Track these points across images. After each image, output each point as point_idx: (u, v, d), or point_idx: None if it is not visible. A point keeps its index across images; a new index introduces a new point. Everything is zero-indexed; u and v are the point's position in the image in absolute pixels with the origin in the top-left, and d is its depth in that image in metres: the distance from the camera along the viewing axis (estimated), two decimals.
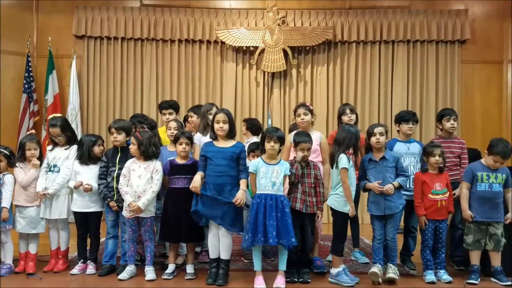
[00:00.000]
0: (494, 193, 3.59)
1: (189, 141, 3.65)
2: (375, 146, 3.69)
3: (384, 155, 3.68)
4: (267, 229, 3.33)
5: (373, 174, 3.63)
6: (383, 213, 3.61)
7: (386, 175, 3.61)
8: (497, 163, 3.57)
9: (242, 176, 3.51)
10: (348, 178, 3.49)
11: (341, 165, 3.48)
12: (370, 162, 3.68)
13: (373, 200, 3.65)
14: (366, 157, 3.74)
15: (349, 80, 6.73)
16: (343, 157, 3.50)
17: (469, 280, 3.53)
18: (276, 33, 6.53)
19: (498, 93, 6.72)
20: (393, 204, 3.61)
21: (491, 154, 3.59)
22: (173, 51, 6.73)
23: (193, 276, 3.58)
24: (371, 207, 3.67)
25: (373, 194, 3.66)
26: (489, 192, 3.58)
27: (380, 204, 3.60)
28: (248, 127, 4.93)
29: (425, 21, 6.59)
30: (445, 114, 4.14)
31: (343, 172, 3.48)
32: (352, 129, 3.65)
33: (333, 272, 3.54)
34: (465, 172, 3.71)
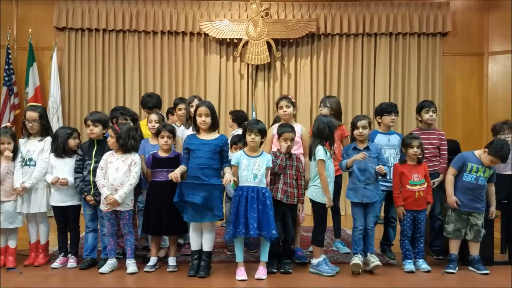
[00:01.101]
0: (479, 186, 3.65)
1: (171, 134, 3.63)
2: (358, 138, 3.74)
3: (368, 145, 3.73)
4: (248, 221, 3.35)
5: (357, 162, 3.66)
6: (361, 201, 3.65)
7: (368, 164, 3.66)
8: (493, 163, 3.61)
9: (226, 165, 3.52)
10: (326, 169, 3.52)
11: (318, 156, 3.51)
12: (354, 151, 3.72)
13: (352, 187, 3.69)
14: (350, 146, 3.78)
15: (333, 73, 6.77)
16: (320, 149, 3.53)
17: (447, 269, 3.59)
18: (260, 25, 6.51)
19: (478, 85, 6.83)
20: (371, 193, 3.66)
21: (491, 155, 3.58)
22: (156, 43, 6.68)
23: (175, 268, 3.58)
24: (349, 193, 3.71)
25: (352, 181, 3.70)
26: (474, 184, 3.64)
27: (358, 192, 3.65)
28: (234, 119, 4.95)
29: (407, 13, 6.64)
30: (424, 106, 4.19)
31: (320, 163, 3.51)
32: (324, 120, 3.65)
33: (314, 263, 3.58)
34: (456, 158, 3.73)
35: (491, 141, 3.66)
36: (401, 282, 3.37)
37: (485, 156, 3.60)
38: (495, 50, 6.76)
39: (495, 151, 3.53)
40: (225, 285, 3.27)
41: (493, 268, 3.67)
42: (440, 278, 3.47)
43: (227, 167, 3.51)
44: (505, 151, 3.53)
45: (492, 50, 6.77)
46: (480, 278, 3.48)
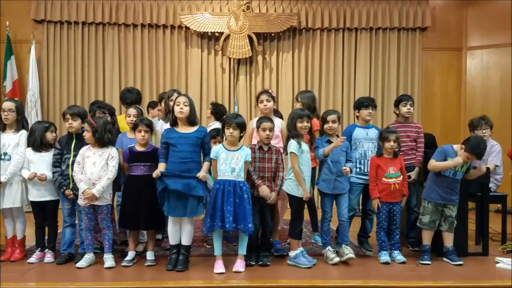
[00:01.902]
0: (456, 180, 3.72)
1: (148, 129, 3.61)
2: (328, 132, 3.78)
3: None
4: (224, 215, 3.36)
5: (330, 155, 3.72)
6: (331, 192, 3.72)
7: (340, 157, 3.74)
8: (469, 160, 3.67)
9: (206, 159, 3.53)
10: (300, 162, 3.55)
11: (290, 150, 3.55)
12: (328, 143, 3.76)
13: (325, 178, 3.75)
14: (323, 139, 3.82)
15: (314, 67, 6.80)
16: (292, 142, 3.56)
17: (422, 260, 3.67)
18: (241, 19, 6.50)
19: (457, 80, 6.94)
20: (341, 185, 3.75)
21: (467, 152, 3.62)
22: (136, 36, 6.62)
23: (153, 262, 3.58)
24: (322, 184, 3.76)
25: (325, 173, 3.74)
26: (452, 178, 3.70)
27: (330, 183, 3.72)
28: (212, 111, 4.93)
29: (387, 9, 6.69)
30: (402, 100, 4.25)
31: (292, 156, 3.54)
32: (292, 113, 3.71)
33: (291, 255, 3.62)
34: (438, 151, 3.78)
35: (468, 137, 3.72)
36: (376, 273, 3.43)
37: (462, 152, 3.65)
38: (473, 45, 6.87)
39: (472, 148, 3.58)
40: (203, 279, 3.27)
41: (467, 259, 3.75)
42: (414, 269, 3.53)
43: (206, 163, 3.51)
44: (481, 149, 3.59)
45: (470, 45, 6.88)
46: (454, 269, 3.55)
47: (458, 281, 3.25)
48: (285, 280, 3.27)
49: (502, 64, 6.70)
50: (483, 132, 4.40)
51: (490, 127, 4.43)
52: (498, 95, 6.70)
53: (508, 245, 4.06)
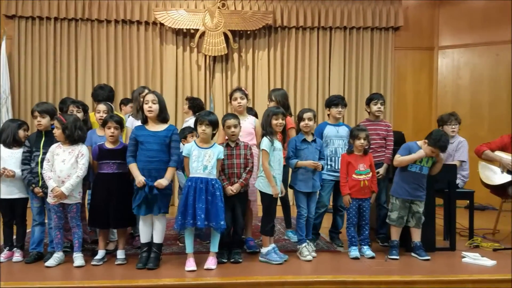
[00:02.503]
0: (423, 175, 3.79)
1: (118, 125, 3.58)
2: (304, 130, 3.82)
3: (315, 138, 3.84)
4: (196, 212, 3.36)
5: (306, 154, 3.77)
6: (311, 190, 3.79)
7: (315, 156, 3.80)
8: (433, 153, 3.74)
9: (170, 164, 3.47)
10: (272, 160, 3.58)
11: (261, 147, 3.60)
12: (303, 143, 3.80)
13: (303, 178, 3.78)
14: (299, 138, 3.85)
15: (289, 65, 6.84)
16: (264, 140, 3.60)
17: (390, 255, 3.74)
18: (216, 16, 6.49)
19: (428, 79, 7.08)
20: (317, 183, 3.83)
21: (431, 146, 3.70)
22: (109, 32, 6.54)
23: (123, 261, 3.55)
24: (300, 184, 3.80)
25: (302, 173, 3.78)
26: (418, 174, 3.78)
27: (308, 182, 3.77)
28: (190, 106, 4.90)
29: (361, 8, 6.78)
30: (373, 98, 4.32)
31: (263, 154, 3.59)
32: (267, 110, 3.75)
33: (263, 251, 3.64)
34: (403, 148, 3.85)
35: (430, 132, 3.80)
36: (346, 268, 3.48)
37: (426, 146, 3.74)
38: (444, 44, 7.02)
39: (434, 142, 3.67)
40: (174, 276, 3.26)
41: (435, 254, 3.84)
42: (383, 264, 3.60)
43: (170, 169, 3.45)
44: (443, 141, 3.67)
45: (442, 45, 7.03)
46: (421, 264, 3.63)
47: (424, 275, 3.33)
48: (256, 276, 3.28)
49: (472, 64, 6.87)
50: (452, 128, 4.52)
51: (459, 123, 4.56)
52: (468, 94, 6.87)
53: (475, 240, 4.18)
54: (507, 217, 4.79)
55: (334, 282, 3.21)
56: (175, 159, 3.49)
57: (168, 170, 3.46)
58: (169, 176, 3.44)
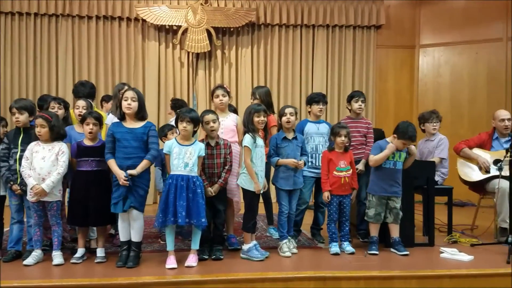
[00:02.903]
0: (397, 171, 3.84)
1: (97, 122, 3.54)
2: (286, 125, 3.82)
3: (295, 135, 3.85)
4: (177, 209, 3.35)
5: (287, 151, 3.78)
6: (292, 188, 3.80)
7: (296, 153, 3.81)
8: (405, 145, 3.79)
9: (146, 156, 3.45)
10: (254, 157, 3.60)
11: (243, 143, 3.61)
12: (284, 140, 3.81)
13: (284, 176, 3.80)
14: (279, 135, 3.85)
15: (273, 62, 6.86)
16: (247, 137, 3.61)
17: (370, 251, 3.78)
18: (199, 13, 6.47)
19: (409, 77, 7.17)
20: (299, 180, 3.83)
21: (401, 138, 3.75)
22: (91, 29, 6.46)
23: (103, 259, 3.53)
24: (281, 182, 3.81)
25: (283, 171, 3.79)
26: (393, 169, 3.83)
27: (289, 180, 3.78)
28: (172, 107, 4.93)
29: (343, 6, 6.83)
30: (354, 96, 4.36)
31: (245, 151, 3.60)
32: (249, 107, 3.75)
33: (244, 248, 3.65)
34: (374, 147, 3.90)
35: (396, 126, 3.84)
36: (326, 264, 3.51)
37: (396, 141, 3.80)
38: (425, 43, 7.11)
39: (403, 134, 3.73)
40: (155, 274, 3.25)
41: (414, 249, 3.90)
42: (362, 259, 3.64)
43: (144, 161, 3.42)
44: (411, 131, 3.74)
45: (423, 43, 7.12)
46: (399, 259, 3.69)
47: (403, 270, 3.37)
48: (237, 273, 3.29)
49: (452, 62, 6.97)
50: (433, 125, 4.60)
51: (439, 121, 4.64)
52: (448, 92, 6.98)
53: (453, 235, 4.25)
54: (486, 213, 4.89)
55: (313, 278, 3.23)
56: (152, 153, 3.47)
57: (142, 162, 3.43)
58: (139, 168, 3.40)
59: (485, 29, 6.71)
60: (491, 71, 6.70)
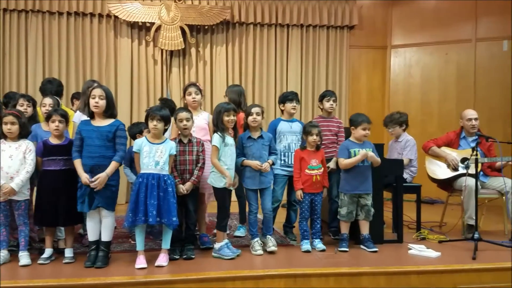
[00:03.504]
0: (366, 167, 3.90)
1: (63, 119, 3.47)
2: (252, 124, 3.83)
3: (261, 134, 3.85)
4: (147, 209, 3.32)
5: (252, 151, 3.79)
6: (258, 187, 3.81)
7: (262, 152, 3.81)
8: (365, 130, 3.86)
9: (114, 158, 3.41)
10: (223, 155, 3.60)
11: (212, 143, 3.61)
12: (248, 140, 3.82)
13: (250, 175, 3.81)
14: (245, 135, 3.86)
15: (247, 61, 6.86)
16: (215, 136, 3.61)
17: (340, 248, 3.83)
18: (173, 10, 6.41)
19: (381, 77, 7.29)
20: (266, 179, 3.83)
21: (358, 126, 3.87)
22: (61, 25, 6.32)
23: (71, 260, 3.47)
24: (247, 181, 3.83)
25: (249, 170, 3.81)
26: (361, 166, 3.88)
27: (255, 179, 3.79)
28: None
29: (317, 6, 6.89)
30: (326, 95, 4.41)
31: (213, 150, 3.60)
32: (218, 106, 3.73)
33: (216, 247, 3.65)
34: (340, 149, 3.96)
35: (350, 120, 3.99)
36: (297, 262, 3.54)
37: (355, 132, 3.89)
38: (397, 43, 7.23)
39: (358, 122, 3.88)
40: (124, 275, 3.21)
41: (383, 246, 3.97)
42: (333, 256, 3.69)
43: (113, 163, 3.38)
44: (362, 115, 3.93)
45: (394, 44, 7.25)
46: (369, 255, 3.75)
47: (371, 267, 3.43)
48: (208, 272, 3.28)
49: (423, 62, 7.12)
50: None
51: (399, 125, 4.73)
52: (418, 92, 7.12)
53: (422, 232, 4.34)
54: (455, 210, 5.01)
55: (284, 275, 3.25)
56: (120, 154, 3.43)
57: (111, 164, 3.38)
58: (109, 171, 3.36)
59: (455, 31, 6.87)
60: (460, 72, 6.87)
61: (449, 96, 6.92)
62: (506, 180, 4.26)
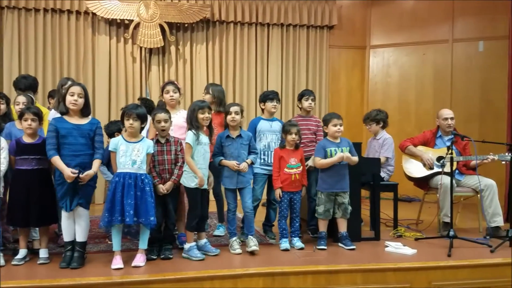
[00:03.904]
0: (342, 166, 3.92)
1: (36, 117, 3.40)
2: (231, 124, 3.81)
3: (240, 133, 3.83)
4: (124, 208, 3.28)
5: (231, 150, 3.78)
6: (236, 187, 3.80)
7: (241, 151, 3.79)
8: (337, 126, 3.88)
9: (96, 156, 3.38)
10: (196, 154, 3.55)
11: (186, 140, 3.56)
12: (227, 139, 3.80)
13: (228, 175, 3.80)
14: (223, 134, 3.84)
15: (228, 59, 6.84)
16: (189, 133, 3.57)
17: (318, 246, 3.86)
18: (152, 7, 6.36)
19: (360, 76, 7.37)
20: (245, 178, 3.82)
21: (329, 123, 3.91)
22: (38, 21, 6.20)
23: (46, 260, 3.41)
24: (225, 181, 3.82)
25: (227, 170, 3.79)
26: (338, 165, 3.90)
27: (233, 179, 3.78)
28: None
29: (297, 6, 6.92)
30: (305, 94, 4.43)
31: (186, 147, 3.56)
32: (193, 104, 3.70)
33: (186, 247, 3.60)
34: (317, 149, 3.98)
35: (323, 120, 4.03)
36: (275, 260, 3.54)
37: (328, 129, 3.93)
38: (376, 43, 7.31)
39: (326, 119, 3.94)
40: (100, 275, 3.16)
41: (361, 243, 4.01)
42: (311, 254, 3.71)
43: (96, 160, 3.36)
44: (332, 113, 4.00)
45: (373, 44, 7.32)
46: (346, 253, 3.78)
47: (349, 264, 3.46)
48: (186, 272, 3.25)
49: (401, 62, 7.22)
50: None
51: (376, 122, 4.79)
52: (396, 91, 7.22)
53: (399, 230, 4.40)
54: (432, 208, 5.09)
55: (262, 274, 3.25)
56: (101, 152, 3.40)
57: (95, 162, 3.36)
58: (95, 169, 3.34)
59: (432, 31, 6.98)
60: (437, 71, 6.98)
61: (426, 96, 7.03)
62: (481, 178, 4.35)
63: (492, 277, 3.51)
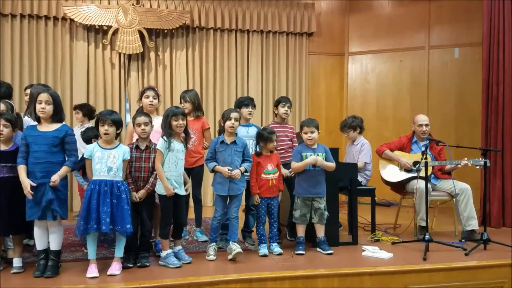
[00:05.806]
0: (318, 171, 3.94)
1: (8, 123, 3.34)
2: (229, 130, 3.78)
3: (235, 140, 3.81)
4: (100, 216, 3.25)
5: (224, 156, 3.76)
6: (227, 194, 3.77)
7: (234, 158, 3.76)
8: (307, 134, 3.91)
9: (65, 163, 3.33)
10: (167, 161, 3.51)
11: (157, 147, 3.53)
12: (221, 145, 3.78)
13: (220, 181, 3.78)
14: (218, 139, 3.82)
15: (208, 66, 6.84)
16: (160, 140, 3.54)
17: (297, 251, 3.88)
18: (131, 13, 6.33)
19: (339, 83, 7.45)
20: (236, 186, 3.78)
21: (301, 131, 3.97)
22: (14, 27, 6.09)
23: (20, 269, 3.35)
24: (217, 187, 3.80)
25: (220, 176, 3.77)
26: (313, 170, 3.93)
27: (225, 186, 3.75)
28: (84, 114, 4.94)
29: (277, 12, 6.96)
30: (281, 101, 4.47)
31: (157, 154, 3.52)
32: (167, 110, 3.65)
33: (162, 255, 3.57)
34: (293, 153, 4.02)
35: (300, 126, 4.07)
36: (253, 266, 3.54)
37: (302, 135, 3.96)
38: (354, 50, 7.41)
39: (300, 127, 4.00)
40: (74, 284, 3.13)
41: (338, 248, 4.05)
42: (289, 259, 3.72)
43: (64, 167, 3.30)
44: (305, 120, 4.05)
45: (351, 51, 7.41)
46: (324, 258, 3.81)
47: (326, 269, 3.48)
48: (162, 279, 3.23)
49: (378, 69, 7.32)
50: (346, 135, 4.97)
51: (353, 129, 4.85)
52: (374, 97, 7.31)
53: (376, 234, 4.45)
54: (410, 212, 5.15)
55: (239, 280, 3.26)
56: (72, 160, 3.35)
57: (62, 168, 3.30)
58: (61, 173, 3.27)
59: (409, 38, 7.11)
60: (414, 78, 7.10)
61: (403, 101, 7.14)
62: (456, 182, 4.43)
63: (466, 280, 3.58)
